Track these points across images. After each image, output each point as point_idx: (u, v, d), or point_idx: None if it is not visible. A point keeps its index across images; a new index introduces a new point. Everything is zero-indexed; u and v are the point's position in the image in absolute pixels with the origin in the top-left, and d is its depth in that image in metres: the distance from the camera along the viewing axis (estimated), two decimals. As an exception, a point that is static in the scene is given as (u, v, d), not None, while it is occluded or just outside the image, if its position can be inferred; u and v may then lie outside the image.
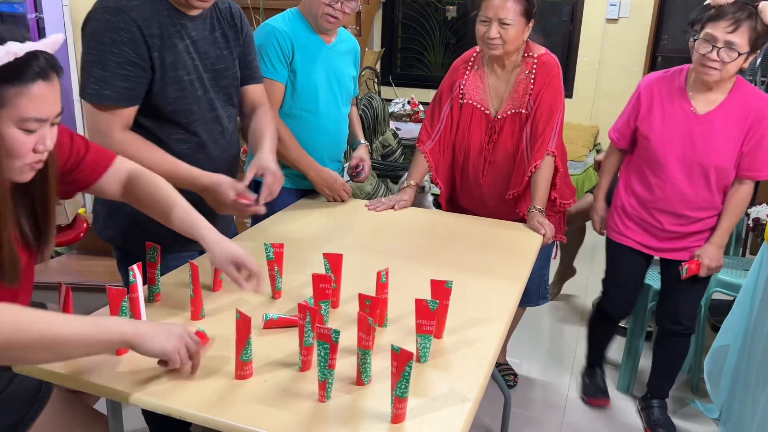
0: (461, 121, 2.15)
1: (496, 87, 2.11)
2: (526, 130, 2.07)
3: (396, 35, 5.86)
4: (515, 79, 2.08)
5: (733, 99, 1.89)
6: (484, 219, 2.10)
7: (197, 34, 1.58)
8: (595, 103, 5.27)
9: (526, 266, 1.72)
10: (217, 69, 1.64)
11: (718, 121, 1.89)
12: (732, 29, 1.74)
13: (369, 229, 1.96)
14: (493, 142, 2.11)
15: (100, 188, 1.34)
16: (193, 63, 1.56)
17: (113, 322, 1.07)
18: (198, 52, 1.58)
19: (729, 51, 1.75)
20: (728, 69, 1.80)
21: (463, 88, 2.13)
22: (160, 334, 1.07)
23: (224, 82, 1.67)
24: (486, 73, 2.12)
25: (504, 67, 2.09)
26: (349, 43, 2.20)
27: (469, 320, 1.38)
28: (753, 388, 2.07)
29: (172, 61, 1.51)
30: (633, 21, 5.01)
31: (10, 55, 0.97)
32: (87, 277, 2.50)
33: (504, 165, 2.12)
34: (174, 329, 1.09)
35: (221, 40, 1.65)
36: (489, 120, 2.11)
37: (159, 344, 1.06)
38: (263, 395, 1.09)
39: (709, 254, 2.00)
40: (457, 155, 2.19)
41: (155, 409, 1.07)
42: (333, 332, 1.05)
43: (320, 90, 2.07)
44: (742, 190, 1.97)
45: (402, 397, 1.01)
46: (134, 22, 1.43)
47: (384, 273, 1.34)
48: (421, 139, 2.21)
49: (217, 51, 1.64)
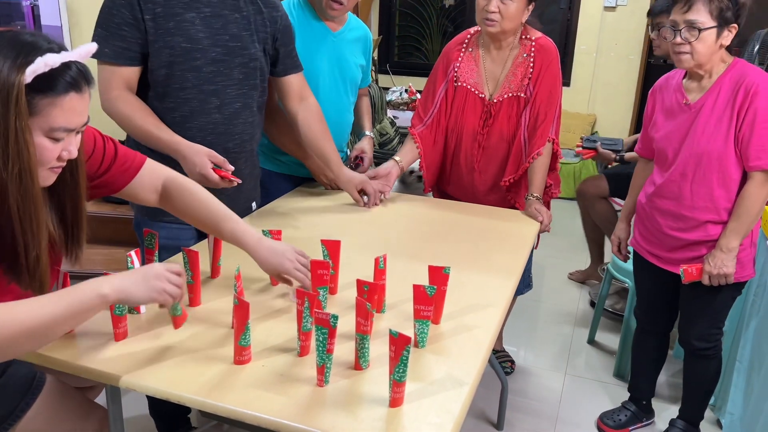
0: (455, 104, 2.11)
1: (491, 70, 2.07)
2: (525, 115, 2.03)
3: (393, 23, 5.84)
4: (512, 62, 2.05)
5: (723, 81, 1.76)
6: (482, 206, 2.10)
7: (212, 10, 1.63)
8: (592, 92, 5.27)
9: (523, 254, 1.72)
10: (231, 46, 1.67)
11: (707, 106, 1.78)
12: (686, 8, 1.70)
13: (367, 216, 1.96)
14: (488, 127, 2.07)
15: (133, 193, 1.35)
16: (198, 35, 1.61)
17: (90, 288, 1.03)
18: (209, 27, 1.63)
19: (690, 30, 1.69)
20: (698, 50, 1.71)
21: (458, 71, 2.09)
22: (138, 282, 1.07)
23: (239, 60, 1.69)
24: (480, 56, 2.08)
25: (500, 48, 2.05)
26: (358, 31, 2.17)
27: (466, 306, 1.39)
28: (746, 373, 2.08)
29: (172, 27, 1.58)
30: (631, 9, 5.00)
31: (47, 66, 0.97)
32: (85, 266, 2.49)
33: (498, 150, 2.09)
34: (149, 271, 1.09)
35: (242, 21, 1.69)
36: (484, 104, 2.07)
37: (143, 292, 1.07)
38: (262, 380, 1.09)
39: (713, 259, 1.80)
40: (449, 140, 2.16)
41: (154, 394, 1.08)
42: (331, 317, 1.05)
43: (321, 78, 2.06)
44: (747, 186, 1.75)
45: (400, 381, 1.02)
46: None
47: (382, 259, 1.35)
48: (413, 123, 2.18)
49: (234, 30, 1.67)
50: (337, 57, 2.09)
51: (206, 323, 1.26)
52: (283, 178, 2.19)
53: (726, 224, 1.80)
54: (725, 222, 1.80)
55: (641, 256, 2.03)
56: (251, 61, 1.72)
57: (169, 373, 1.10)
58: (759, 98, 1.69)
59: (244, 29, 1.69)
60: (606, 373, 2.59)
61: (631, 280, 2.46)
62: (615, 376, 2.57)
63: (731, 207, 1.79)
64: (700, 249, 1.86)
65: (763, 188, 1.74)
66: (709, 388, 2.07)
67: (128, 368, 1.11)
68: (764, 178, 1.74)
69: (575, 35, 5.21)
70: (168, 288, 1.09)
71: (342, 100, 2.15)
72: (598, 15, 5.10)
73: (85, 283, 1.04)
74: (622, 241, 2.14)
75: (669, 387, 2.48)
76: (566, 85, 5.36)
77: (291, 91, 1.89)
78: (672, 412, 2.24)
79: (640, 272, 2.10)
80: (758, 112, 1.69)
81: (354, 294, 1.25)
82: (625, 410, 2.25)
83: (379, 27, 5.76)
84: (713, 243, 1.82)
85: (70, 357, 1.14)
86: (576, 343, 2.82)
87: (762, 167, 1.72)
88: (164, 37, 1.57)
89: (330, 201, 2.07)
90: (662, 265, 1.95)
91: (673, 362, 2.57)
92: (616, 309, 3.02)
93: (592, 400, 2.41)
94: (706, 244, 1.84)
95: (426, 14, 5.71)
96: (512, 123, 2.06)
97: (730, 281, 1.81)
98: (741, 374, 2.11)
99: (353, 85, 2.19)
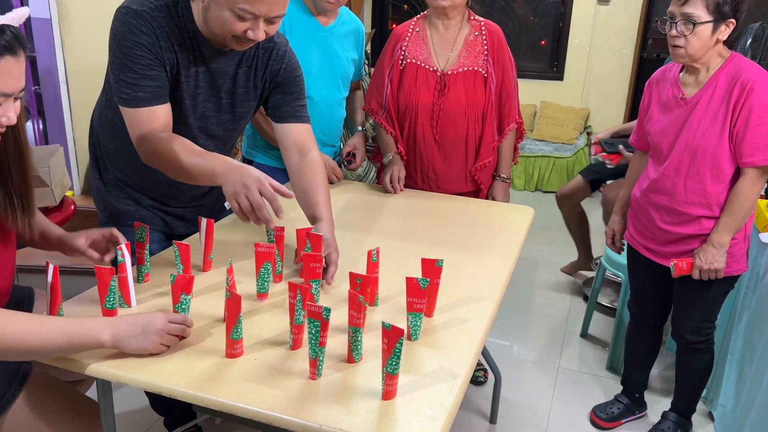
0: (405, 81, 2.12)
1: (440, 46, 2.11)
2: (490, 96, 2.09)
3: (386, 17, 5.82)
4: (464, 40, 2.10)
5: (719, 76, 1.75)
6: (474, 199, 2.11)
7: (216, 67, 1.52)
8: (586, 86, 5.27)
9: (516, 245, 1.72)
10: (222, 103, 1.57)
11: (703, 101, 1.77)
12: (683, 0, 1.71)
13: (359, 209, 1.96)
14: (444, 96, 2.09)
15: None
16: (196, 90, 1.51)
17: (92, 332, 1.07)
18: (207, 81, 1.52)
19: (686, 23, 1.69)
20: (692, 43, 1.71)
21: (405, 50, 2.13)
22: (136, 335, 1.09)
23: (226, 117, 1.60)
24: (428, 35, 2.13)
25: (448, 27, 2.11)
26: (350, 25, 2.17)
27: (459, 299, 1.38)
28: (738, 366, 2.10)
29: (182, 79, 1.48)
30: (624, 3, 5.00)
31: None
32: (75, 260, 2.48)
33: (457, 120, 2.10)
34: (150, 326, 1.09)
35: (242, 78, 1.57)
36: (436, 77, 2.10)
37: (138, 345, 1.09)
38: (254, 373, 1.09)
39: (703, 253, 1.80)
40: (408, 117, 2.14)
41: (146, 388, 1.07)
42: (324, 310, 1.05)
43: (313, 73, 2.05)
44: (740, 182, 1.75)
45: (393, 374, 1.02)
46: (153, 30, 1.39)
47: (375, 252, 1.34)
48: (374, 109, 2.19)
49: (231, 86, 1.56)
50: (328, 52, 2.08)
51: (198, 316, 1.25)
52: (278, 172, 2.17)
53: (718, 219, 1.80)
54: (718, 217, 1.80)
55: (635, 249, 2.03)
56: (239, 119, 1.64)
57: (160, 366, 1.10)
58: (754, 95, 1.68)
59: (242, 86, 1.58)
60: (599, 367, 2.59)
61: (624, 274, 2.46)
62: (608, 369, 2.58)
63: (724, 202, 1.79)
64: (695, 243, 1.85)
65: (756, 185, 1.74)
66: (701, 381, 2.08)
67: (120, 362, 1.10)
68: (757, 175, 1.74)
69: (569, 29, 5.22)
70: (165, 340, 1.11)
71: (334, 95, 2.15)
72: (591, 9, 5.10)
73: (89, 323, 1.08)
74: (617, 233, 2.14)
75: (661, 380, 2.49)
76: (559, 79, 5.37)
77: (287, 141, 1.64)
78: (664, 404, 2.25)
79: (633, 265, 2.11)
80: (753, 109, 1.69)
81: (347, 287, 1.25)
82: (617, 403, 2.26)
83: (372, 20, 5.74)
84: (707, 237, 1.82)
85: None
86: (569, 336, 2.83)
87: (755, 164, 1.72)
88: (172, 89, 1.47)
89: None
90: (656, 259, 1.95)
91: (666, 355, 2.59)
92: (609, 302, 3.03)
93: (585, 393, 2.41)
94: (701, 237, 1.84)
95: (419, 7, 5.69)
96: (470, 95, 2.09)
97: (720, 276, 1.82)
98: (733, 367, 2.12)
99: (345, 80, 2.19)
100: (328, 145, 2.21)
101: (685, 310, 1.97)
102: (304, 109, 1.68)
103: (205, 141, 1.60)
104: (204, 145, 1.61)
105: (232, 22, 1.34)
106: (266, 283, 1.34)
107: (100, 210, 1.71)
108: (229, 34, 1.37)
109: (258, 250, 1.32)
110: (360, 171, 3.40)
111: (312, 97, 2.06)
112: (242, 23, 1.35)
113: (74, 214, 2.56)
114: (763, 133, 1.70)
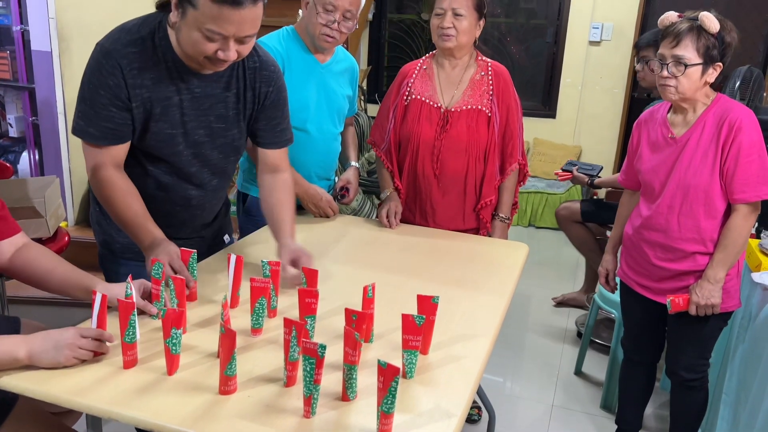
0: (409, 116, 2.15)
1: (446, 84, 2.14)
2: (493, 135, 2.11)
3: (382, 54, 5.92)
4: (470, 79, 2.13)
5: (707, 116, 1.80)
6: (468, 235, 2.11)
7: (202, 91, 1.53)
8: (578, 124, 5.35)
9: (510, 283, 1.72)
10: (214, 128, 1.59)
11: (693, 141, 1.81)
12: (675, 43, 1.75)
13: (355, 244, 1.96)
14: (446, 132, 2.11)
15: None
16: (182, 118, 1.52)
17: (8, 350, 1.12)
18: (195, 108, 1.53)
19: (677, 65, 1.75)
20: (683, 84, 1.76)
21: (411, 86, 2.17)
22: (48, 350, 1.14)
23: (220, 140, 1.61)
24: (435, 72, 2.16)
25: (455, 67, 2.14)
26: (345, 63, 2.22)
27: (455, 336, 1.38)
28: (733, 405, 2.08)
29: (159, 112, 1.49)
30: (615, 44, 5.11)
31: None
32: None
33: (457, 157, 2.11)
34: (62, 340, 1.15)
35: (232, 100, 1.59)
36: (440, 112, 2.12)
37: (50, 359, 1.13)
38: (247, 411, 1.07)
39: (699, 289, 1.81)
40: (410, 152, 2.16)
41: (136, 424, 1.05)
42: (319, 347, 1.04)
43: (311, 108, 2.09)
44: (732, 218, 1.79)
45: (388, 413, 1.01)
46: (120, 70, 1.41)
47: (370, 288, 1.34)
48: (376, 141, 2.24)
49: (222, 110, 1.58)
50: (325, 88, 2.12)
51: (191, 352, 1.24)
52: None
53: (712, 255, 1.82)
54: (712, 253, 1.82)
55: (629, 286, 2.04)
56: (234, 141, 1.65)
57: (152, 402, 1.08)
58: (743, 133, 1.74)
59: (232, 108, 1.59)
60: (593, 405, 2.57)
61: (617, 311, 2.46)
62: (602, 407, 2.55)
63: (717, 238, 1.82)
64: (689, 279, 1.87)
65: (747, 220, 1.78)
66: (696, 419, 2.06)
67: (110, 396, 1.08)
68: (749, 211, 1.78)
69: (561, 69, 5.31)
70: (77, 354, 1.16)
71: (330, 129, 2.18)
72: (583, 49, 5.21)
73: (5, 341, 1.14)
74: (610, 272, 2.15)
75: (656, 419, 2.48)
76: (552, 117, 5.44)
77: (263, 162, 1.73)
78: (659, 444, 2.23)
79: (627, 303, 2.11)
80: (742, 147, 1.74)
81: (342, 322, 1.24)
82: None
83: (368, 57, 5.83)
84: (702, 273, 1.83)
85: (48, 385, 1.11)
86: (563, 373, 2.81)
87: (746, 200, 1.76)
88: (149, 123, 1.48)
89: (318, 229, 2.07)
90: (650, 296, 1.96)
91: (660, 394, 2.57)
92: (603, 339, 3.02)
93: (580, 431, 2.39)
94: (695, 273, 1.85)
95: (414, 45, 5.79)
96: (472, 132, 2.10)
97: (717, 311, 1.83)
98: (727, 406, 2.11)
99: (340, 115, 2.23)
100: (323, 178, 2.23)
101: (679, 347, 1.97)
102: (285, 132, 1.75)
103: (199, 169, 1.61)
104: (201, 176, 1.62)
105: (201, 43, 1.36)
106: (261, 318, 1.33)
107: (99, 243, 1.71)
108: (201, 55, 1.39)
109: (253, 285, 1.31)
110: (354, 205, 3.42)
111: (309, 131, 2.09)
112: (211, 44, 1.36)
113: (68, 245, 2.55)
114: (752, 170, 1.75)
